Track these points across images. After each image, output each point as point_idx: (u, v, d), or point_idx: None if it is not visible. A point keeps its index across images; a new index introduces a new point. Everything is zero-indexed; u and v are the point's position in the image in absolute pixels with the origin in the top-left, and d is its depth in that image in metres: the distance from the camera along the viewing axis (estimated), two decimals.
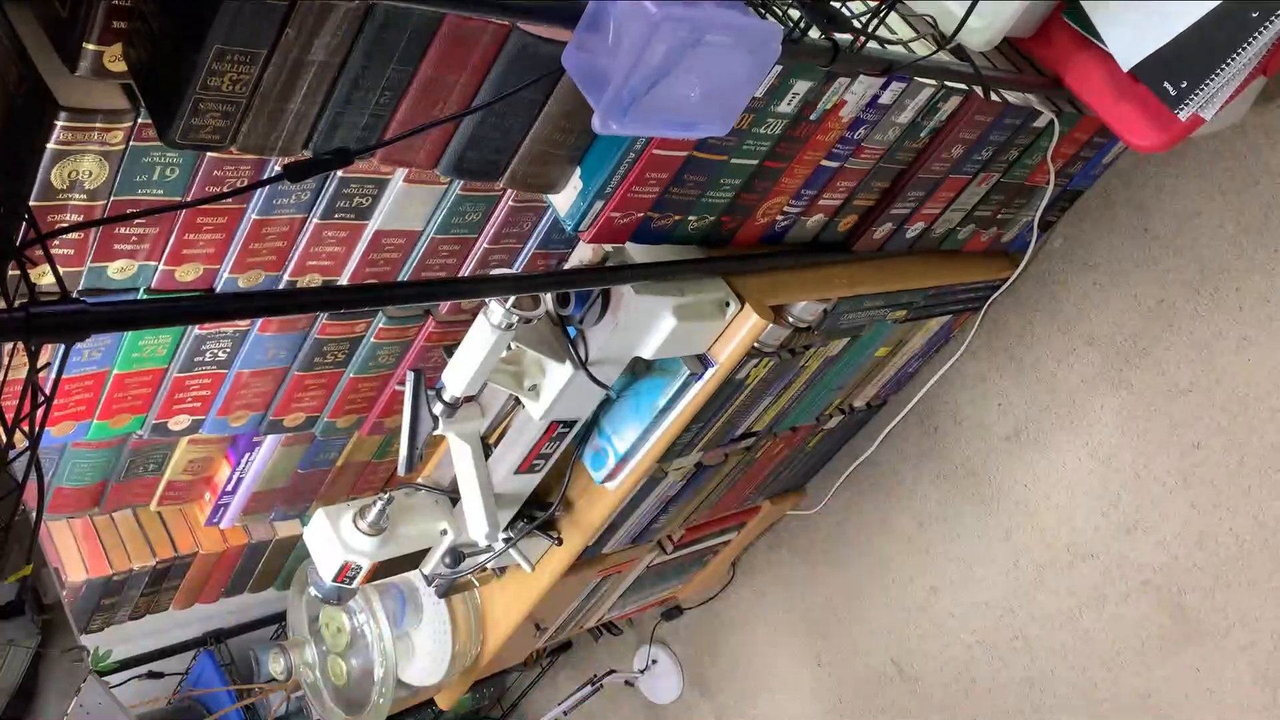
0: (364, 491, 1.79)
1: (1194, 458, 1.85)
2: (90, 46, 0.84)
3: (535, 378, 1.32)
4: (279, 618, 2.82)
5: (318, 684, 1.74)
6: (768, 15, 0.98)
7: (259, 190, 1.10)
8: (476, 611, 1.74)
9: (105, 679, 1.88)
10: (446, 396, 1.29)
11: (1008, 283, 1.89)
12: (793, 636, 2.50)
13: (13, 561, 0.91)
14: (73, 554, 1.66)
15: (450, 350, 1.26)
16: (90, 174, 0.94)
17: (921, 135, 1.37)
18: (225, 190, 1.06)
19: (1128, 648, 1.97)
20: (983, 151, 1.47)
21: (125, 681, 2.46)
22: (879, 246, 1.57)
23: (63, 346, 0.79)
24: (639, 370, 1.42)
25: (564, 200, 1.20)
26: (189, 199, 1.04)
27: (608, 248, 1.29)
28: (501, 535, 1.51)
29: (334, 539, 1.36)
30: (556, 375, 1.30)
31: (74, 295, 0.96)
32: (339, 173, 1.12)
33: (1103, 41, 1.26)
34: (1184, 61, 1.19)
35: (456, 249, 1.31)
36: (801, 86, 1.14)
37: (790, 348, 1.49)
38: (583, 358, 1.29)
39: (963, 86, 1.31)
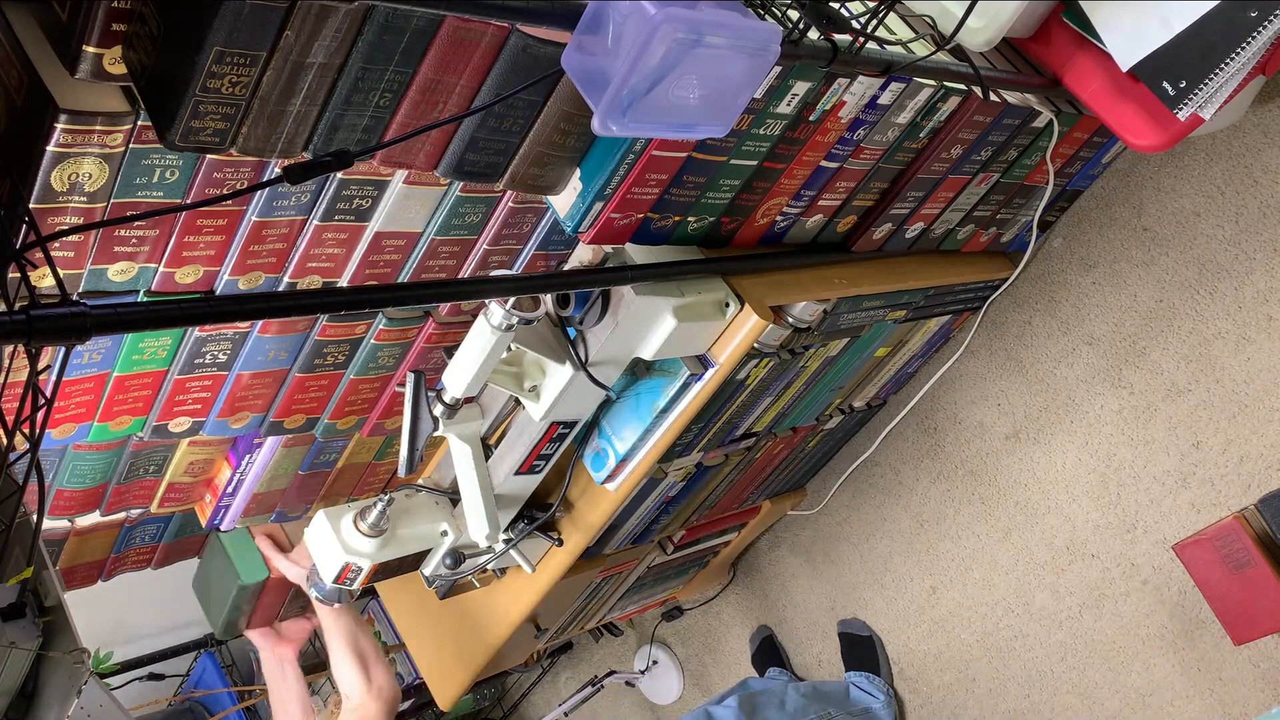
0: (365, 493, 1.79)
1: (1194, 458, 1.85)
2: (90, 49, 0.84)
3: (535, 379, 1.33)
4: None
5: None
6: (767, 16, 0.98)
7: (259, 192, 1.10)
8: None
9: (106, 681, 1.88)
10: (447, 398, 1.29)
11: (1007, 283, 1.89)
12: (793, 637, 2.50)
13: (14, 564, 0.91)
14: None
15: (450, 351, 1.26)
16: (90, 176, 0.94)
17: (921, 135, 1.37)
18: (225, 192, 1.06)
19: (1128, 647, 1.97)
20: (982, 151, 1.47)
21: (127, 683, 2.47)
22: (878, 247, 1.57)
23: (63, 349, 0.79)
24: (639, 371, 1.42)
25: (564, 201, 1.20)
26: (189, 201, 1.04)
27: (607, 249, 1.29)
28: (502, 536, 1.51)
29: (335, 540, 1.36)
30: (557, 376, 1.31)
31: (74, 298, 0.96)
32: (339, 175, 1.12)
33: (1102, 41, 1.26)
34: (1183, 61, 1.19)
35: (456, 250, 1.31)
36: (801, 87, 1.14)
37: (790, 348, 1.49)
38: (583, 359, 1.29)
39: (962, 87, 1.31)
